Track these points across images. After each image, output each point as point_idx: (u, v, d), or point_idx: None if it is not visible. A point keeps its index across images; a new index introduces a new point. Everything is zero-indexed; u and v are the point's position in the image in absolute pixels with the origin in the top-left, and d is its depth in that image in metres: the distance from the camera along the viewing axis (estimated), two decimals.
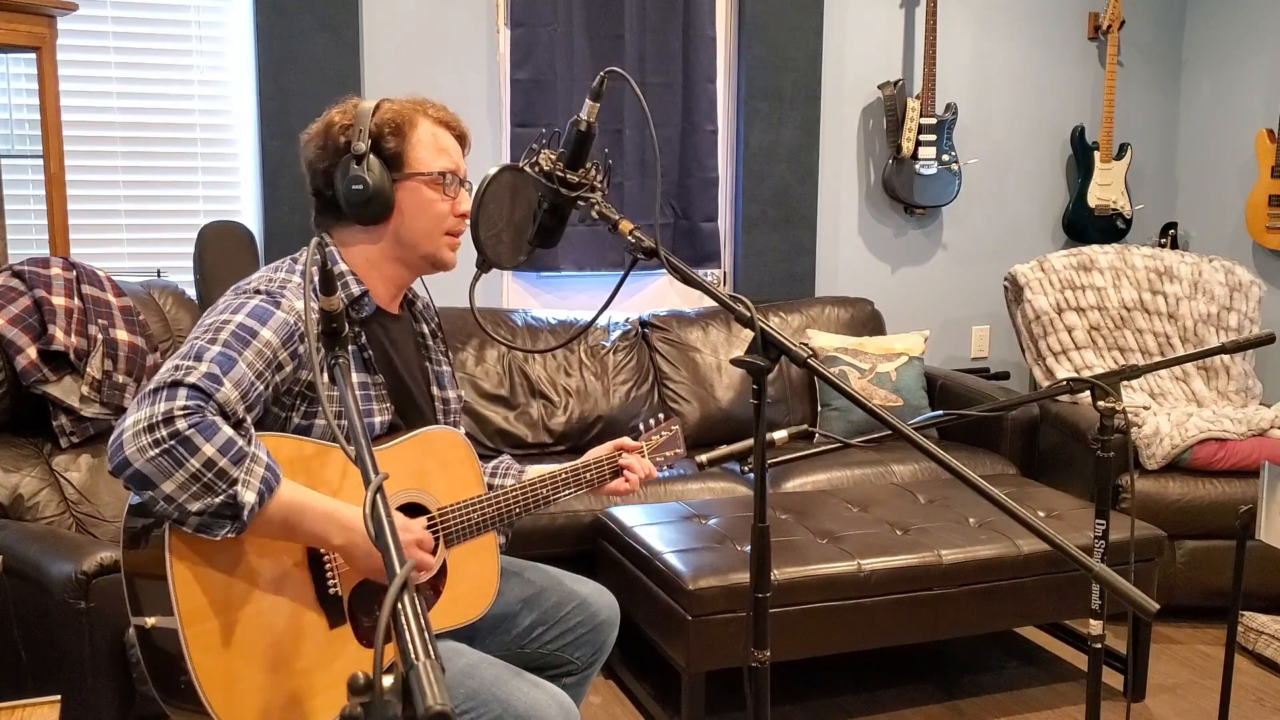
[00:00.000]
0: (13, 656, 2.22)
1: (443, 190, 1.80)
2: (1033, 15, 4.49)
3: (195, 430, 1.47)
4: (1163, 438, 3.41)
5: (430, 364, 1.95)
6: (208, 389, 1.51)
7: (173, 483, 1.45)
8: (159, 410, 1.46)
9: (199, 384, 1.50)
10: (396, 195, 1.78)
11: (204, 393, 1.50)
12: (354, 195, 1.74)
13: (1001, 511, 1.29)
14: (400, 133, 1.78)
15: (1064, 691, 3.02)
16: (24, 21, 2.84)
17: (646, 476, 2.02)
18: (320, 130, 1.80)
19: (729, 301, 1.49)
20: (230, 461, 1.48)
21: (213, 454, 1.47)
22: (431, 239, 1.81)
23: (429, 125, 1.81)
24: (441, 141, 1.82)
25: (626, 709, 2.93)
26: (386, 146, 1.76)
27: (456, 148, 1.85)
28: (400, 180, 1.78)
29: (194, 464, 1.45)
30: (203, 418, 1.48)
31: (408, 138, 1.78)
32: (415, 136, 1.79)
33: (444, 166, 1.81)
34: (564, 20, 3.78)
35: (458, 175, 1.83)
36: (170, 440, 1.45)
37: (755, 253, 4.13)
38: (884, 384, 3.76)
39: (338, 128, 1.78)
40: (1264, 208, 4.19)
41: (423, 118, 1.81)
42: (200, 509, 1.47)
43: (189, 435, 1.46)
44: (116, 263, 3.44)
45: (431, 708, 0.79)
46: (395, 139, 1.77)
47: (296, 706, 1.59)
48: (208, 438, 1.47)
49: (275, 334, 1.63)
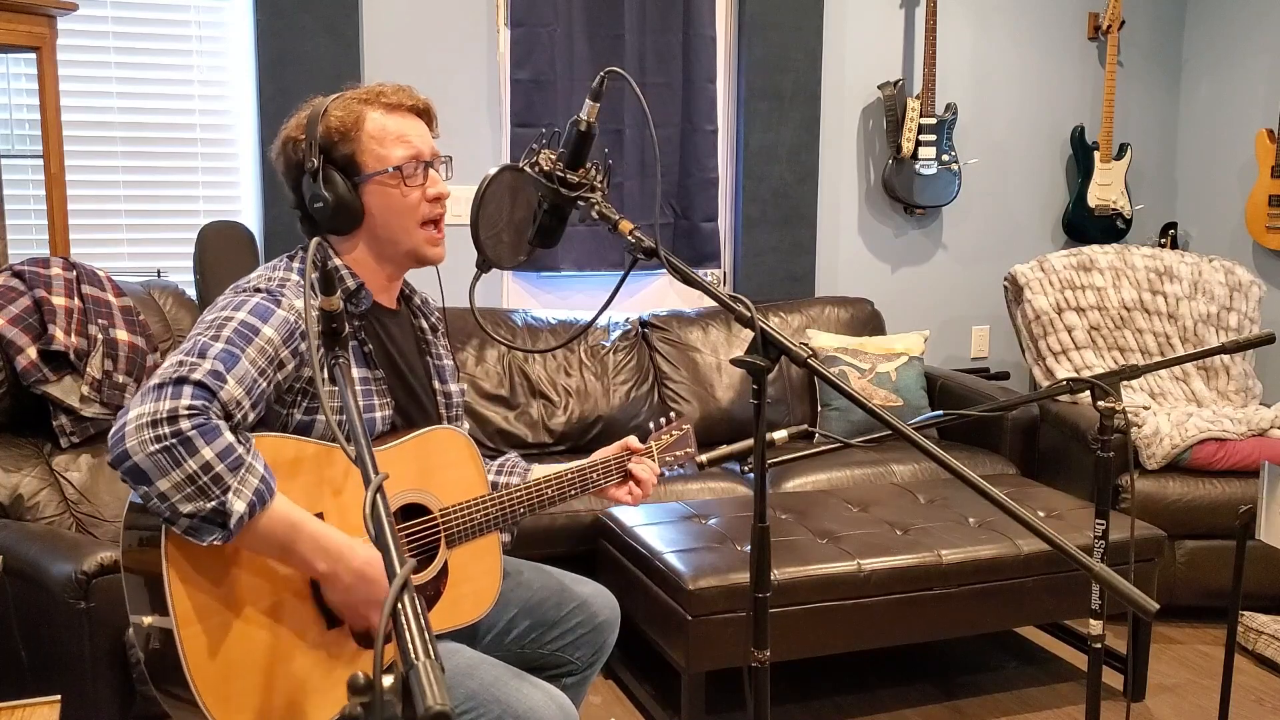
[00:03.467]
0: (13, 656, 2.23)
1: (404, 182, 1.75)
2: (1033, 15, 4.49)
3: (198, 431, 1.46)
4: (1163, 438, 3.41)
5: (431, 358, 1.94)
6: (213, 386, 1.51)
7: (168, 481, 1.45)
8: (164, 407, 1.46)
9: (204, 381, 1.50)
10: (363, 199, 1.74)
11: (209, 391, 1.50)
12: (318, 212, 1.73)
13: (1001, 511, 1.29)
14: (348, 136, 1.73)
15: (1064, 691, 3.02)
16: (24, 21, 2.84)
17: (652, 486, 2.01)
18: (279, 147, 1.78)
19: (729, 301, 1.49)
20: (227, 468, 1.47)
21: (211, 458, 1.46)
22: (408, 234, 1.78)
23: (378, 116, 1.75)
24: (395, 129, 1.75)
25: (626, 709, 2.93)
26: (339, 154, 1.72)
27: (418, 127, 1.79)
28: (362, 184, 1.74)
29: (191, 465, 1.45)
30: (207, 419, 1.48)
31: (357, 140, 1.73)
32: (364, 135, 1.73)
33: (402, 156, 1.75)
34: (564, 20, 3.78)
35: (421, 159, 1.77)
36: (172, 438, 1.45)
37: (755, 253, 4.13)
38: (884, 384, 3.76)
39: (292, 143, 1.76)
40: (1264, 208, 4.19)
41: (371, 109, 1.75)
42: (191, 511, 1.46)
43: (191, 436, 1.46)
44: (116, 263, 3.44)
45: (431, 708, 0.79)
46: (345, 144, 1.73)
47: (293, 707, 1.59)
48: (209, 440, 1.47)
49: (277, 331, 1.63)
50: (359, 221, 1.76)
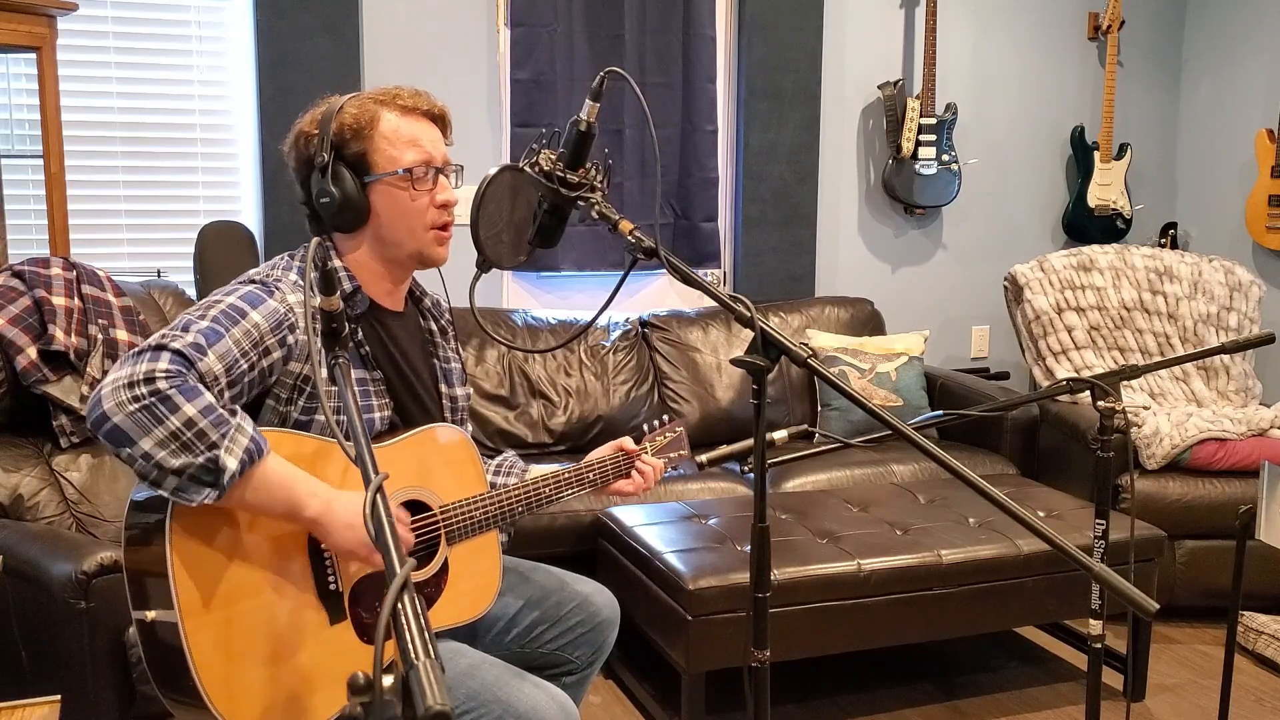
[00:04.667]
0: (13, 656, 2.23)
1: (413, 185, 1.75)
2: (1033, 15, 4.49)
3: (176, 390, 1.46)
4: (1163, 438, 3.41)
5: (438, 361, 1.94)
6: (191, 356, 1.51)
7: (151, 439, 1.44)
8: (140, 370, 1.46)
9: (183, 350, 1.51)
10: (370, 199, 1.74)
11: (186, 359, 1.51)
12: (324, 208, 1.73)
13: (1001, 511, 1.29)
14: (362, 135, 1.73)
15: (1064, 691, 3.02)
16: (24, 21, 2.84)
17: (655, 478, 2.02)
18: (291, 142, 1.79)
19: (729, 301, 1.49)
20: (210, 424, 1.47)
21: (193, 414, 1.46)
22: (415, 236, 1.77)
23: (393, 118, 1.75)
24: (409, 132, 1.75)
25: (626, 709, 2.93)
26: (350, 151, 1.72)
27: (432, 133, 1.79)
28: (371, 184, 1.74)
29: (174, 422, 1.45)
30: (184, 381, 1.48)
31: (370, 139, 1.73)
32: (378, 134, 1.73)
33: (413, 160, 1.75)
34: (564, 20, 3.78)
35: (432, 165, 1.77)
36: (150, 397, 1.45)
37: (755, 253, 4.13)
38: (884, 384, 3.76)
39: (304, 138, 1.76)
40: (1264, 208, 4.19)
41: (387, 110, 1.75)
42: (179, 466, 1.45)
43: (169, 394, 1.46)
44: (116, 263, 3.44)
45: (431, 708, 0.79)
46: (358, 142, 1.73)
47: (297, 701, 1.59)
48: (189, 399, 1.47)
49: (265, 319, 1.63)
50: (364, 221, 1.76)
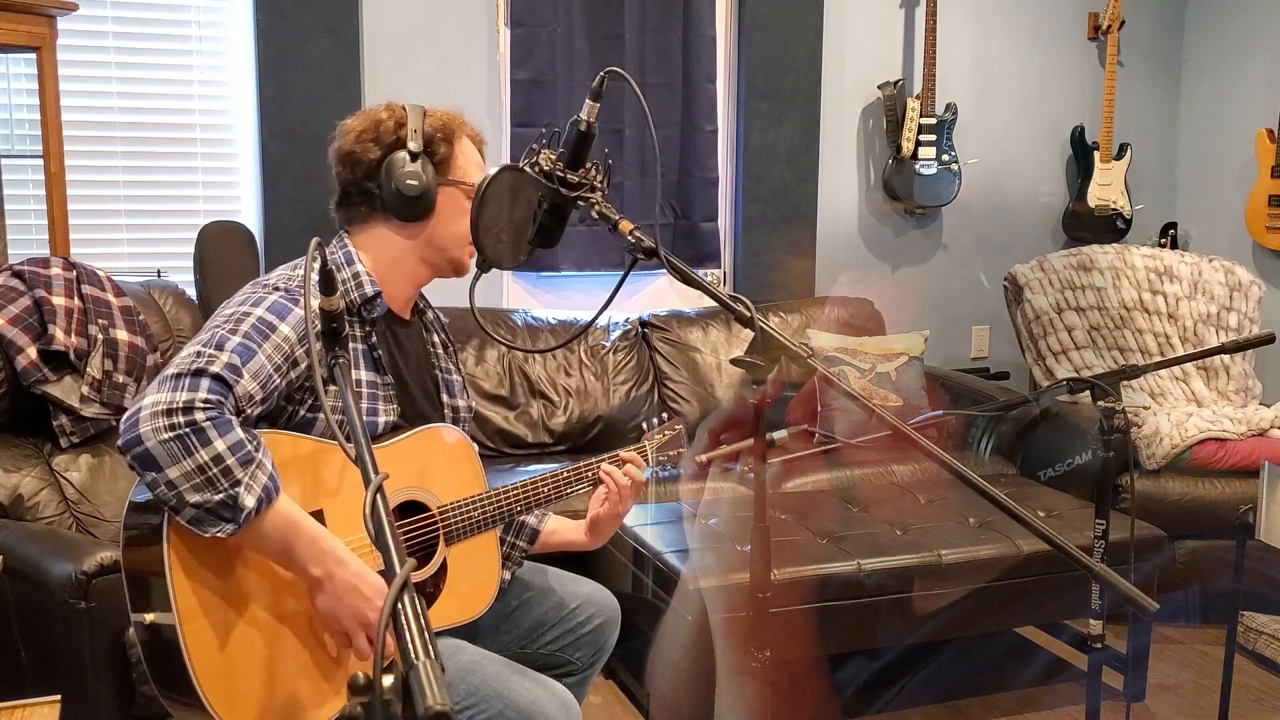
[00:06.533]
0: (13, 656, 2.23)
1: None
2: (1033, 15, 4.49)
3: (211, 423, 1.49)
4: (1163, 438, 3.41)
5: (441, 372, 1.96)
6: (229, 380, 1.54)
7: (178, 469, 1.47)
8: (181, 397, 1.49)
9: (222, 375, 1.53)
10: (438, 199, 1.82)
11: (225, 385, 1.53)
12: (407, 190, 1.79)
13: (1001, 511, 1.29)
14: (450, 140, 1.85)
15: (1064, 691, 3.02)
16: (24, 21, 2.84)
17: (634, 486, 1.96)
18: (369, 125, 1.82)
19: (729, 301, 1.49)
20: (237, 462, 1.49)
21: (223, 450, 1.49)
22: (460, 245, 1.86)
23: (467, 140, 1.89)
24: (475, 157, 1.89)
25: (627, 709, 2.93)
26: (438, 151, 1.82)
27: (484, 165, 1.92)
28: (444, 185, 1.83)
29: (203, 456, 1.47)
30: (221, 413, 1.51)
31: (455, 147, 1.85)
32: (460, 147, 1.86)
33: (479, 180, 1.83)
34: (564, 20, 3.78)
35: None
36: (186, 427, 1.48)
37: (755, 253, 4.13)
38: (884, 384, 3.76)
39: (387, 123, 1.81)
40: (1264, 208, 4.19)
41: (463, 131, 1.88)
42: (199, 501, 1.48)
43: (205, 426, 1.48)
44: (116, 263, 3.44)
45: (431, 708, 0.79)
46: (445, 145, 1.83)
47: (295, 704, 1.59)
48: (221, 434, 1.49)
49: (293, 330, 1.65)
50: (427, 215, 1.82)
